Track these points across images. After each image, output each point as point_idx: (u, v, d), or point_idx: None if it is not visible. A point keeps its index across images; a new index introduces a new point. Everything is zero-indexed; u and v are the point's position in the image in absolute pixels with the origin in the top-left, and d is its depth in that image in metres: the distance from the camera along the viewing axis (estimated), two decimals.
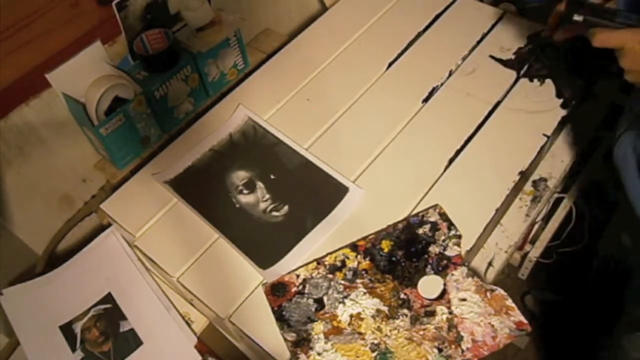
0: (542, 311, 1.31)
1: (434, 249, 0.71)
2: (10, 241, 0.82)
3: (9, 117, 0.75)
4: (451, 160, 0.81)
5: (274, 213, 0.76)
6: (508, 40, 0.94)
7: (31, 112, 0.77)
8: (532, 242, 1.22)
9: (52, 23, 0.74)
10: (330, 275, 0.70)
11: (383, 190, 0.78)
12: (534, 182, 0.85)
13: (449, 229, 0.72)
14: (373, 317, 0.66)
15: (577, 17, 0.68)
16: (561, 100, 0.86)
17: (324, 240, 0.74)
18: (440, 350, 0.63)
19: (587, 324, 0.99)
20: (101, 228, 0.85)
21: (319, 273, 0.70)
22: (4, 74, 0.72)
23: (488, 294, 0.67)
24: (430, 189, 0.78)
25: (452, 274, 0.69)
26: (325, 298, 0.68)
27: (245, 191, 0.79)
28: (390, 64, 0.94)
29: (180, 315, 0.78)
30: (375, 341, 0.64)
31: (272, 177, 0.80)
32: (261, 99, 0.91)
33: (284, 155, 0.83)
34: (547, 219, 1.16)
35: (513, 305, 0.65)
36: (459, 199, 0.76)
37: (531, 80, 0.89)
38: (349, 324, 0.66)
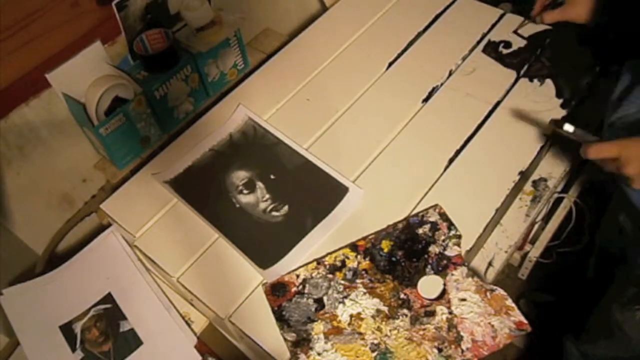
0: (537, 314, 1.32)
1: (434, 249, 0.71)
2: (10, 241, 0.82)
3: (9, 117, 0.75)
4: (451, 160, 0.81)
5: (274, 213, 0.77)
6: (508, 40, 0.94)
7: (31, 112, 0.77)
8: (532, 242, 1.22)
9: (52, 23, 0.74)
10: (330, 275, 0.70)
11: (383, 190, 0.78)
12: (534, 182, 0.85)
13: (449, 229, 0.72)
14: (373, 317, 0.66)
15: (567, 127, 0.70)
16: (561, 100, 0.86)
17: (324, 240, 0.74)
18: (440, 350, 0.63)
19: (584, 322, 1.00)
20: (101, 228, 0.85)
21: (319, 273, 0.70)
22: (4, 74, 0.72)
23: (488, 294, 0.67)
24: (430, 189, 0.78)
25: (452, 274, 0.69)
26: (325, 298, 0.68)
27: (245, 191, 0.79)
28: (390, 64, 0.94)
29: (180, 315, 0.78)
30: (375, 341, 0.64)
31: (272, 177, 0.80)
32: (261, 99, 0.91)
33: (284, 155, 0.83)
34: (547, 219, 1.16)
35: (513, 305, 0.65)
36: (459, 199, 0.76)
37: (531, 80, 0.89)
38: (349, 324, 0.66)
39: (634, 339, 0.81)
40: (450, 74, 0.92)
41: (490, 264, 0.77)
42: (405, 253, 0.71)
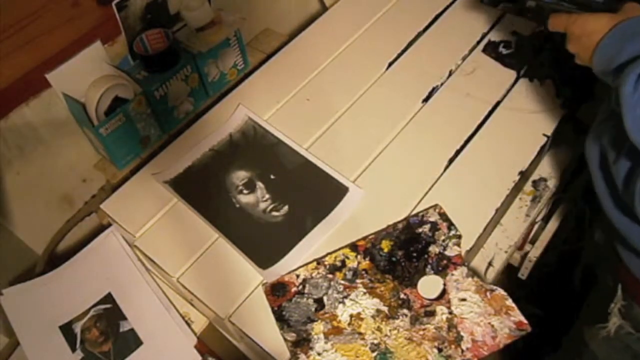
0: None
1: (434, 249, 0.71)
2: (10, 241, 0.82)
3: (9, 117, 0.75)
4: (451, 160, 0.81)
5: (274, 213, 0.76)
6: (508, 40, 0.94)
7: (31, 112, 0.77)
8: (532, 242, 1.22)
9: (52, 23, 0.74)
10: (330, 275, 0.70)
11: (383, 190, 0.78)
12: (534, 182, 0.85)
13: (449, 229, 0.72)
14: (373, 317, 0.66)
15: (530, 3, 0.69)
16: (561, 100, 0.86)
17: (324, 240, 0.74)
18: (440, 350, 0.63)
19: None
20: (101, 228, 0.85)
21: (319, 273, 0.70)
22: (4, 74, 0.72)
23: (488, 294, 0.67)
24: (430, 189, 0.78)
25: (452, 274, 0.69)
26: (325, 298, 0.68)
27: (245, 191, 0.79)
28: (390, 64, 0.94)
29: (180, 315, 0.78)
30: (375, 341, 0.64)
31: (272, 177, 0.80)
32: (261, 99, 0.91)
33: (284, 155, 0.83)
34: (547, 219, 1.16)
35: (513, 305, 0.65)
36: (459, 199, 0.76)
37: (531, 80, 0.89)
38: (349, 324, 0.66)
39: (599, 358, 0.80)
40: (450, 74, 0.92)
41: (490, 264, 0.77)
42: (405, 253, 0.71)
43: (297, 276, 0.70)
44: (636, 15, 0.58)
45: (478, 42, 0.95)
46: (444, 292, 0.68)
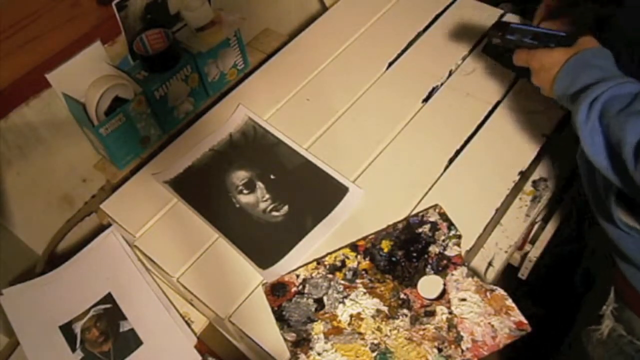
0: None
1: (434, 249, 0.71)
2: (10, 241, 0.82)
3: (9, 117, 0.75)
4: (451, 160, 0.81)
5: (274, 213, 0.77)
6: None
7: (31, 112, 0.77)
8: (532, 242, 1.22)
9: (52, 23, 0.74)
10: (330, 275, 0.70)
11: (383, 190, 0.78)
12: (534, 182, 0.85)
13: (449, 229, 0.72)
14: (373, 317, 0.66)
15: (496, 40, 0.75)
16: None
17: (324, 240, 0.74)
18: (440, 350, 0.63)
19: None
20: (101, 228, 0.85)
21: (319, 273, 0.70)
22: (4, 74, 0.72)
23: (488, 294, 0.67)
24: (430, 189, 0.78)
25: (452, 274, 0.69)
26: (325, 298, 0.68)
27: (245, 191, 0.79)
28: (390, 64, 0.94)
29: (180, 315, 0.78)
30: (375, 341, 0.64)
31: (272, 177, 0.80)
32: (261, 99, 0.91)
33: (284, 155, 0.83)
34: (547, 219, 1.16)
35: (513, 305, 0.65)
36: (459, 199, 0.76)
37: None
38: (349, 324, 0.66)
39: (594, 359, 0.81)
40: (450, 74, 0.92)
41: (490, 264, 0.76)
42: (405, 253, 0.71)
43: (297, 276, 0.70)
44: (589, 47, 0.63)
45: (478, 42, 0.95)
46: (444, 292, 0.68)
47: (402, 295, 0.68)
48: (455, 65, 0.93)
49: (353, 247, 0.72)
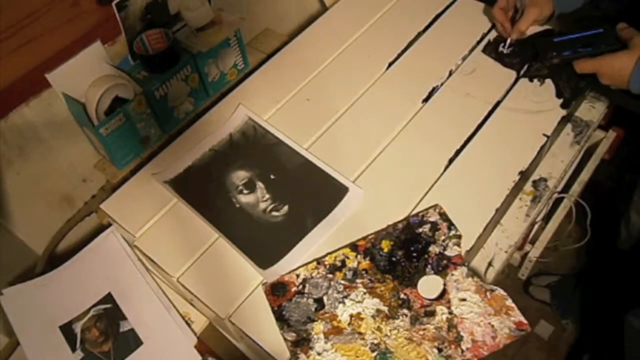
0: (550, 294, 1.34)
1: (434, 249, 0.71)
2: (10, 241, 0.82)
3: (9, 117, 0.75)
4: (451, 160, 0.81)
5: (274, 213, 0.77)
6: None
7: (31, 112, 0.77)
8: (532, 242, 1.22)
9: (52, 23, 0.74)
10: (330, 275, 0.70)
11: (383, 190, 0.78)
12: (534, 182, 0.85)
13: (449, 229, 0.72)
14: (373, 317, 0.66)
15: (555, 61, 0.86)
16: (561, 100, 0.86)
17: (324, 240, 0.74)
18: (440, 350, 0.63)
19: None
20: (101, 228, 0.85)
21: (319, 273, 0.70)
22: (4, 74, 0.71)
23: (488, 294, 0.67)
24: (430, 189, 0.78)
25: (452, 274, 0.69)
26: (325, 298, 0.68)
27: (245, 191, 0.79)
28: (390, 64, 0.94)
29: (180, 315, 0.78)
30: (375, 341, 0.64)
31: (272, 177, 0.80)
32: (261, 99, 0.91)
33: (284, 155, 0.83)
34: (547, 219, 1.16)
35: (513, 305, 0.65)
36: (459, 199, 0.76)
37: (531, 80, 0.89)
38: (349, 324, 0.66)
39: None
40: (450, 74, 0.92)
41: (490, 264, 0.76)
42: (405, 253, 0.71)
43: (297, 276, 0.70)
44: None
45: (478, 42, 0.95)
46: (444, 292, 0.68)
47: (402, 295, 0.68)
48: (455, 65, 0.93)
49: (353, 247, 0.72)
